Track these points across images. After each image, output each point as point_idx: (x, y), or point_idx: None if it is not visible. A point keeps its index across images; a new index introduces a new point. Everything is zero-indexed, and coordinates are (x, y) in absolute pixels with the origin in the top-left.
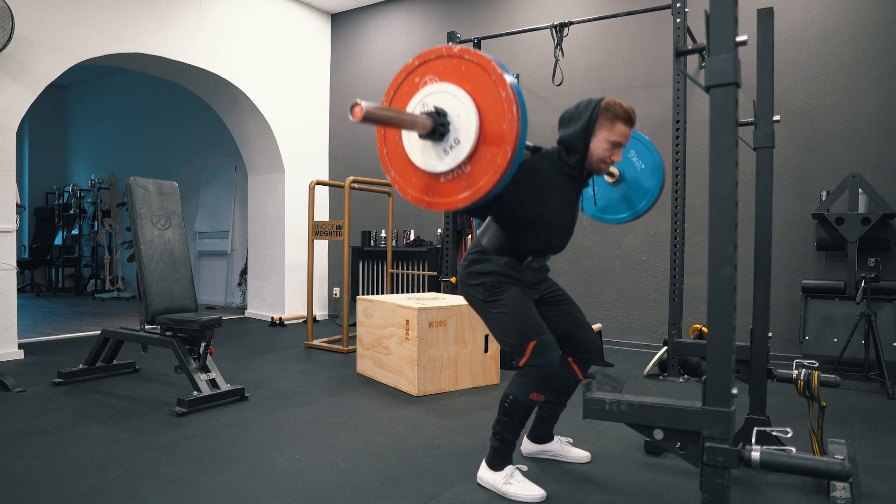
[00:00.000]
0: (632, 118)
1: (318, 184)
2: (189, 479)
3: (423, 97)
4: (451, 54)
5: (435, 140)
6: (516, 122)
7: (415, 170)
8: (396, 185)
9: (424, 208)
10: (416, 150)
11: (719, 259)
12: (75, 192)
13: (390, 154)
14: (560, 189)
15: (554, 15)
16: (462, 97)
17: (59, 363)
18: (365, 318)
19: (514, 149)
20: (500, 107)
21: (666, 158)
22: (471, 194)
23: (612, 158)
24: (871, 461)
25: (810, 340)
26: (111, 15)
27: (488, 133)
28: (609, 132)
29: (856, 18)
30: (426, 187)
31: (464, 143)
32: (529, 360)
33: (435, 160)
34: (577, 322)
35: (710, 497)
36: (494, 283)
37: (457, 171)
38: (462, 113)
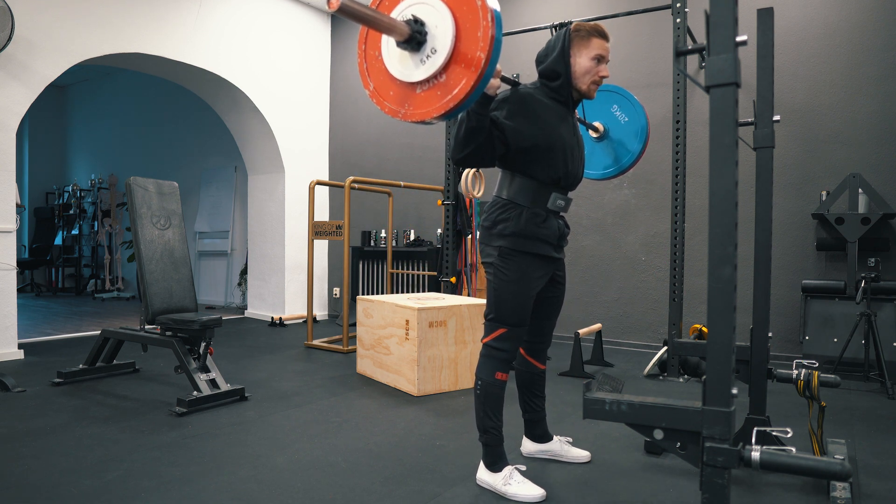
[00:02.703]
0: (604, 32)
1: (318, 184)
2: (189, 479)
3: (402, 10)
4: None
5: (412, 49)
6: (491, 28)
7: (392, 81)
8: (374, 97)
9: (401, 119)
10: (393, 60)
11: (719, 259)
12: (75, 192)
13: (369, 67)
14: (557, 113)
15: (554, 15)
16: (439, 7)
17: (59, 363)
18: (365, 318)
19: (489, 54)
20: (476, 15)
21: (666, 158)
22: (446, 102)
23: (600, 73)
24: (871, 461)
25: (810, 340)
26: (111, 15)
27: (464, 41)
28: (588, 49)
29: (856, 18)
30: (403, 98)
31: (440, 52)
32: (492, 342)
33: (412, 69)
34: (553, 312)
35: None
36: (511, 250)
37: (433, 80)
38: (439, 23)
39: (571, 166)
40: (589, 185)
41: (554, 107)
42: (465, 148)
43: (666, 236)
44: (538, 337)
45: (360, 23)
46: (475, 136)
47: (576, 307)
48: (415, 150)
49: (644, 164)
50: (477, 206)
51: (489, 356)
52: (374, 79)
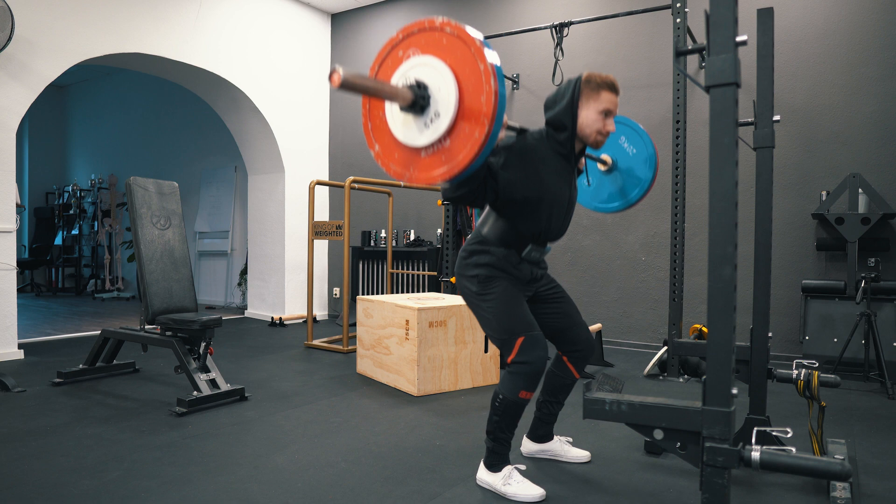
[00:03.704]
0: (615, 85)
1: (318, 184)
2: (189, 479)
3: (405, 70)
4: (433, 27)
5: (416, 113)
6: (494, 94)
7: (397, 144)
8: (379, 159)
9: (406, 182)
10: (398, 123)
11: (719, 259)
12: (75, 192)
13: (374, 128)
14: (554, 167)
15: (554, 15)
16: (443, 70)
17: (59, 363)
18: (365, 318)
19: (492, 122)
20: (479, 80)
21: (666, 158)
22: (448, 169)
23: (606, 128)
24: (871, 461)
25: (810, 340)
26: (111, 15)
27: (467, 106)
28: (597, 102)
29: (856, 18)
30: (407, 161)
31: (443, 116)
32: (517, 357)
33: (416, 134)
34: (572, 320)
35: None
36: (488, 276)
37: (437, 145)
38: (442, 86)
39: (555, 224)
40: None
41: (554, 161)
42: (457, 190)
43: (666, 236)
44: (577, 345)
45: (364, 95)
46: (469, 182)
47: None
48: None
49: None
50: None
51: (516, 373)
52: (379, 140)
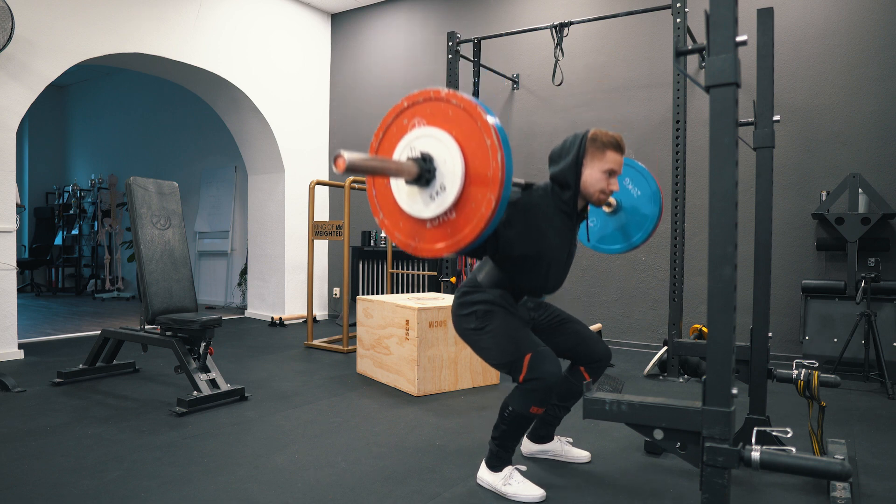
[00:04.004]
0: (621, 145)
1: (318, 184)
2: (189, 479)
3: (410, 140)
4: (439, 97)
5: (421, 186)
6: (501, 170)
7: (402, 214)
8: (385, 227)
9: (411, 253)
10: (403, 194)
11: (719, 259)
12: (75, 192)
13: (379, 197)
14: (556, 226)
15: (554, 15)
16: (448, 143)
17: (59, 363)
18: (365, 318)
19: (499, 197)
20: (486, 154)
21: (666, 158)
22: (453, 243)
23: (610, 188)
24: (871, 461)
25: (810, 340)
26: (111, 15)
27: (473, 180)
28: (602, 162)
29: (856, 18)
30: (413, 232)
31: (449, 190)
32: (528, 374)
33: (421, 206)
34: (580, 337)
35: (710, 497)
36: (487, 310)
37: (442, 217)
38: (448, 159)
39: (553, 280)
40: None
41: (557, 219)
42: None
43: (666, 236)
44: (593, 357)
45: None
46: None
47: (576, 307)
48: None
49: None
50: None
51: (529, 390)
52: (384, 208)
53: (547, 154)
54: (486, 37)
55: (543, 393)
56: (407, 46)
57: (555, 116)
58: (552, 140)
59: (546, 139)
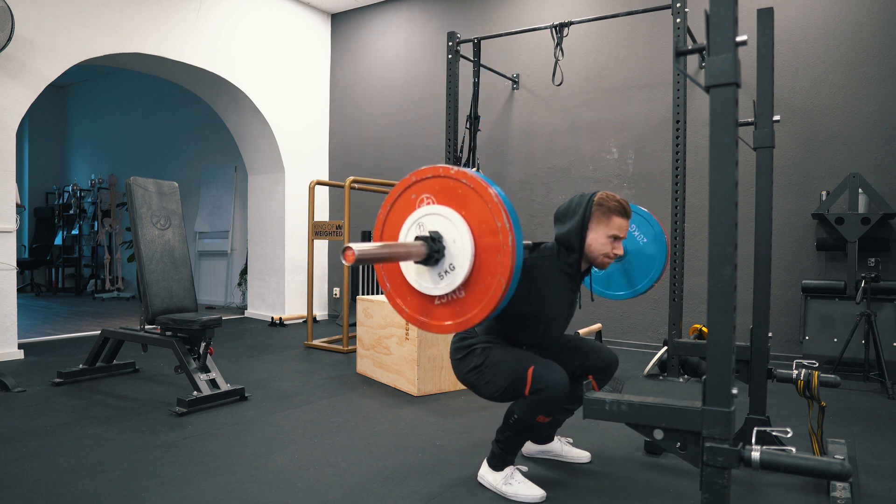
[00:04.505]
0: (626, 210)
1: (318, 184)
2: (189, 479)
3: (418, 217)
4: (448, 175)
5: (430, 264)
6: (511, 254)
7: (410, 289)
8: (392, 301)
9: (419, 328)
10: (411, 271)
11: (719, 259)
12: (75, 192)
13: (386, 271)
14: (559, 287)
15: (554, 15)
16: (458, 222)
17: (59, 363)
18: (365, 318)
19: (509, 281)
20: (496, 236)
21: (666, 158)
22: (462, 322)
23: (614, 252)
24: (871, 461)
25: (810, 340)
26: (111, 15)
27: (483, 261)
28: (607, 227)
29: (856, 18)
30: (421, 308)
31: (458, 269)
32: (533, 386)
33: (430, 283)
34: (586, 352)
35: (710, 497)
36: (485, 347)
37: (451, 295)
38: (457, 238)
39: (549, 337)
40: (590, 185)
41: (560, 280)
42: None
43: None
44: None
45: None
46: None
47: None
48: (415, 150)
49: (644, 164)
50: None
51: (535, 400)
52: (391, 281)
53: (547, 155)
54: (486, 37)
55: (551, 403)
56: (407, 46)
57: (555, 116)
58: (552, 140)
59: (546, 139)
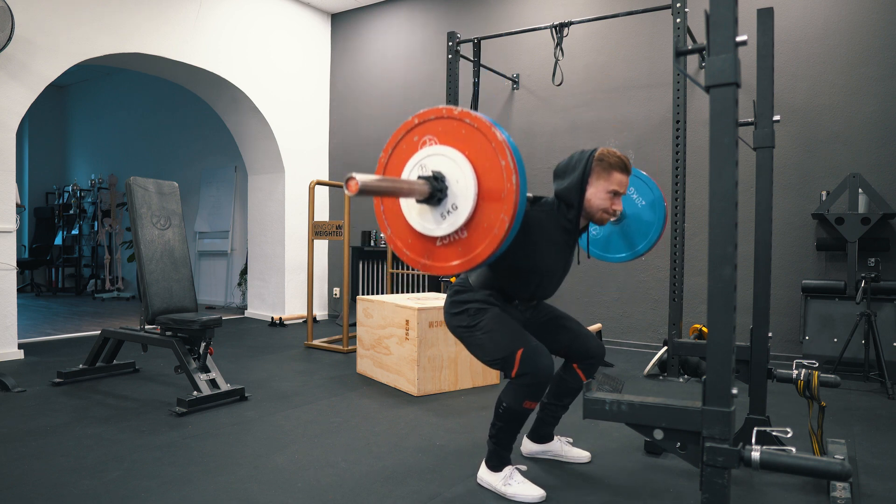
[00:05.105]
0: (627, 166)
1: (318, 184)
2: (189, 479)
3: (421, 158)
4: (451, 116)
5: (432, 204)
6: (515, 192)
7: (412, 231)
8: (393, 244)
9: (421, 270)
10: (413, 212)
11: (719, 259)
12: (75, 192)
13: (387, 213)
14: (557, 242)
15: (554, 15)
16: (461, 162)
17: (59, 363)
18: (365, 318)
19: (513, 218)
20: (500, 175)
21: (666, 158)
22: (466, 261)
23: (614, 208)
24: (871, 461)
25: (810, 340)
26: (111, 15)
27: (486, 200)
28: (607, 182)
29: (856, 18)
30: (423, 250)
31: (461, 209)
32: (520, 369)
33: (432, 224)
34: (574, 334)
35: (710, 497)
36: (479, 308)
37: (454, 236)
38: (460, 178)
39: (543, 291)
40: None
41: (558, 235)
42: None
43: (666, 236)
44: (587, 354)
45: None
46: None
47: (576, 307)
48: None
49: (644, 163)
50: None
51: (521, 385)
52: (392, 225)
53: (547, 155)
54: (486, 37)
55: (537, 388)
56: (407, 46)
57: (555, 116)
58: (552, 140)
59: (546, 139)
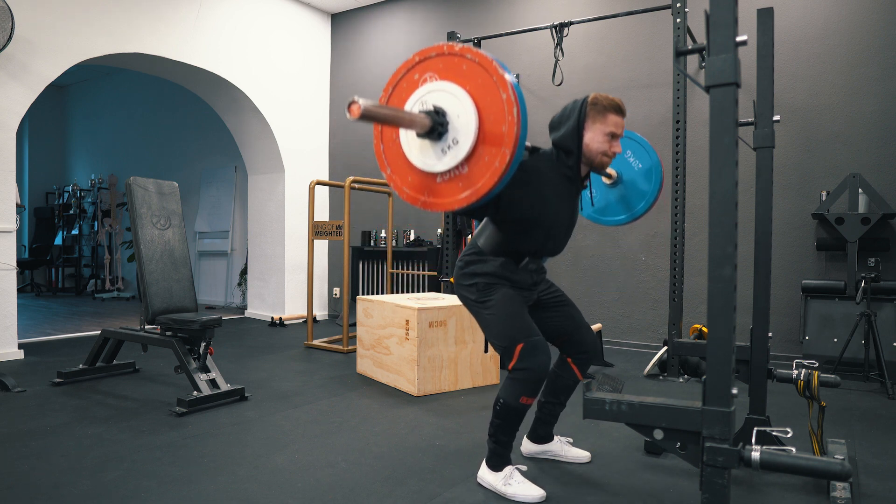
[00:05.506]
0: (621, 108)
1: (318, 184)
2: (189, 479)
3: (421, 95)
4: (452, 52)
5: (433, 139)
6: (516, 124)
7: (411, 168)
8: (392, 182)
9: (420, 208)
10: (413, 148)
11: (719, 259)
12: (75, 192)
13: (387, 151)
14: (559, 191)
15: (554, 15)
16: (462, 97)
17: (59, 363)
18: (365, 318)
19: (514, 151)
20: (501, 108)
21: (666, 158)
22: (469, 195)
23: (612, 150)
24: (871, 461)
25: (810, 340)
26: (111, 15)
27: (487, 134)
28: (603, 124)
29: (856, 18)
30: (423, 187)
31: (462, 143)
32: (518, 364)
33: (433, 160)
34: (575, 324)
35: (711, 497)
36: (487, 283)
37: (454, 171)
38: (461, 113)
39: (553, 243)
40: None
41: (560, 184)
42: None
43: (666, 236)
44: (581, 348)
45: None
46: None
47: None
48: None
49: None
50: None
51: (517, 380)
52: (392, 163)
53: None
54: (486, 37)
55: (532, 383)
56: (407, 46)
57: None
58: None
59: (546, 139)
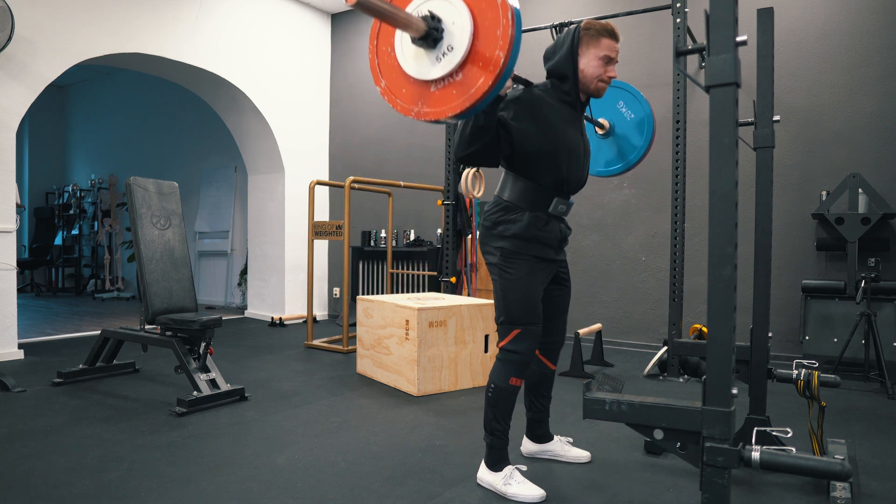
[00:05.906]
0: (614, 31)
1: (318, 184)
2: (189, 479)
3: (417, 5)
4: None
5: (428, 47)
6: (510, 28)
7: (406, 78)
8: (386, 94)
9: (413, 118)
10: (408, 57)
11: (719, 259)
12: (75, 192)
13: (381, 63)
14: (564, 115)
15: (554, 15)
16: (457, 3)
17: (59, 363)
18: (365, 318)
19: (508, 56)
20: (496, 14)
21: (666, 158)
22: (462, 101)
23: (608, 75)
24: (871, 461)
25: (810, 340)
26: (111, 15)
27: (482, 40)
28: (597, 48)
29: (856, 18)
30: (416, 96)
31: (457, 49)
32: (508, 345)
33: (427, 67)
34: (559, 310)
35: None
36: (513, 252)
37: (449, 78)
38: (457, 20)
39: (576, 171)
40: (590, 185)
41: (563, 110)
42: (470, 146)
43: (666, 236)
44: (550, 336)
45: (377, 18)
46: (482, 135)
47: (576, 307)
48: (415, 150)
49: (644, 164)
50: (477, 207)
51: (506, 360)
52: (386, 76)
53: None
54: None
55: (520, 365)
56: None
57: None
58: None
59: None
